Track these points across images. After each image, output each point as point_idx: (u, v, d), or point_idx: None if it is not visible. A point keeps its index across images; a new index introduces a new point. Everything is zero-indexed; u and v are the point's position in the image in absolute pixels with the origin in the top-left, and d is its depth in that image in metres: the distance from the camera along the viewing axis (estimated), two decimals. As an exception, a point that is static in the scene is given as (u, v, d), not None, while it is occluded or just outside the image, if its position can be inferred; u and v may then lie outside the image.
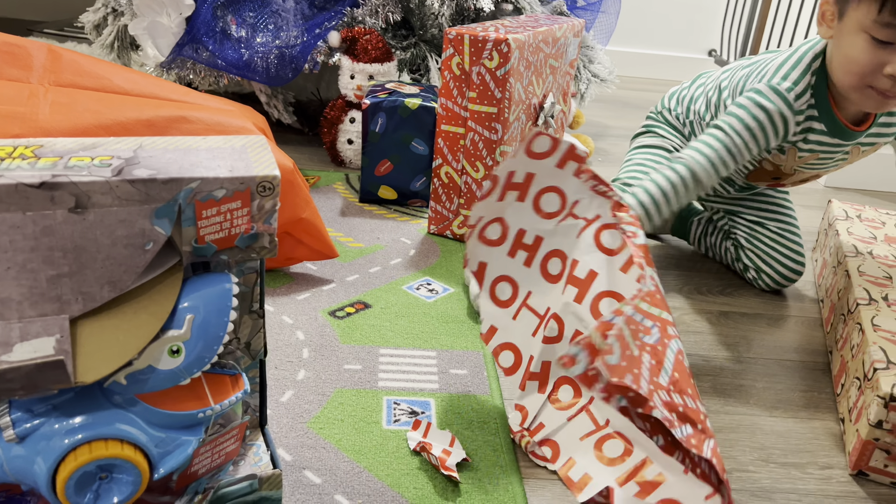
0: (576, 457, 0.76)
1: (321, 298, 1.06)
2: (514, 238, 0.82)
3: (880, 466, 0.81)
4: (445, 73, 1.20)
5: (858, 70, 0.85)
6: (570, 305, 0.78)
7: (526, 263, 0.83)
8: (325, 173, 1.56)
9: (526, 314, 0.84)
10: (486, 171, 1.23)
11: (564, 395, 0.81)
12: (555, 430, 0.79)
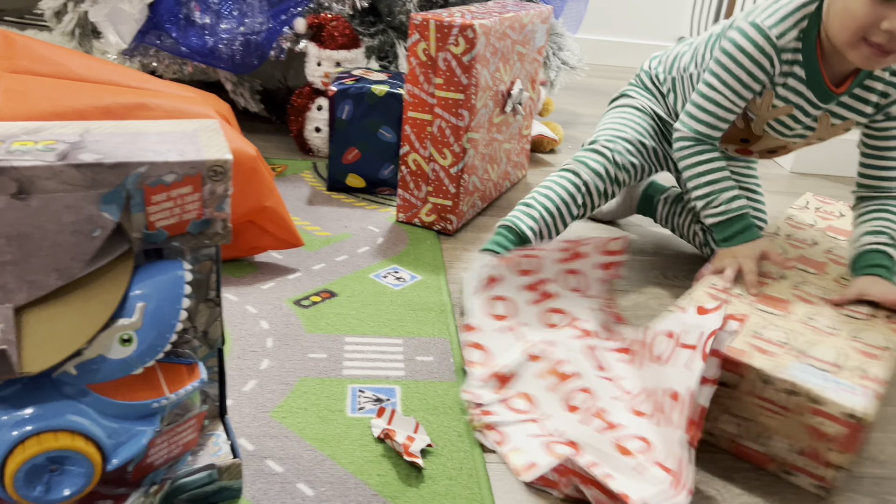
0: (523, 447, 0.77)
1: (286, 287, 1.05)
2: (537, 281, 0.96)
3: None
4: (412, 59, 1.19)
5: (855, 24, 0.83)
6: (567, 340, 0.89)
7: (534, 303, 0.95)
8: (293, 162, 1.54)
9: (510, 336, 0.91)
10: (454, 158, 1.23)
11: (518, 404, 0.83)
12: (504, 423, 0.80)
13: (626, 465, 0.73)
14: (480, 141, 1.28)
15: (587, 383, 0.82)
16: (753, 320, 0.85)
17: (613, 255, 0.99)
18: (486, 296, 0.94)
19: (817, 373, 0.76)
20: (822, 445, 0.74)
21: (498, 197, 1.48)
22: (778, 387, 0.75)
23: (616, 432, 0.77)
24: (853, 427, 0.71)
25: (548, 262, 0.97)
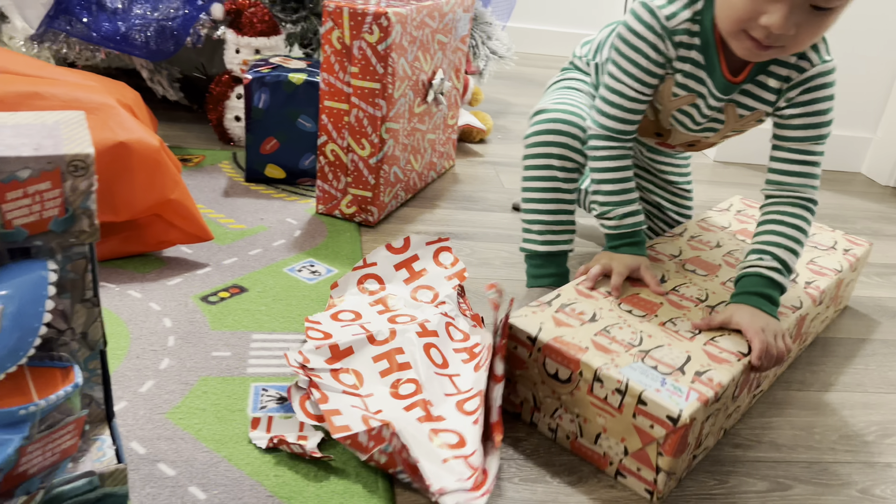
0: (343, 411, 0.76)
1: (194, 283, 1.02)
2: (383, 296, 0.99)
3: (504, 394, 0.85)
4: (326, 47, 1.17)
5: (735, 15, 0.78)
6: (408, 332, 0.88)
7: (380, 313, 0.96)
8: (212, 152, 1.50)
9: (356, 328, 0.90)
10: (373, 149, 1.21)
11: (346, 378, 0.82)
12: (326, 387, 0.80)
13: (435, 455, 0.73)
14: (401, 131, 1.26)
15: (417, 376, 0.82)
16: (609, 319, 0.83)
17: (450, 268, 1.02)
18: (333, 311, 0.95)
19: (652, 374, 0.74)
20: (652, 449, 0.72)
21: (424, 188, 1.47)
22: (608, 386, 0.74)
23: (434, 424, 0.77)
24: (672, 430, 0.70)
25: (393, 282, 1.01)
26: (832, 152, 1.92)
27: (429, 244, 1.04)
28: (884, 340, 1.10)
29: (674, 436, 0.70)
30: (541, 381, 0.80)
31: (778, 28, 0.74)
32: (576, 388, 0.77)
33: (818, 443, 0.86)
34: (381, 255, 1.03)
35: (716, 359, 0.79)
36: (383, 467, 0.73)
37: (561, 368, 0.77)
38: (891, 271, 1.35)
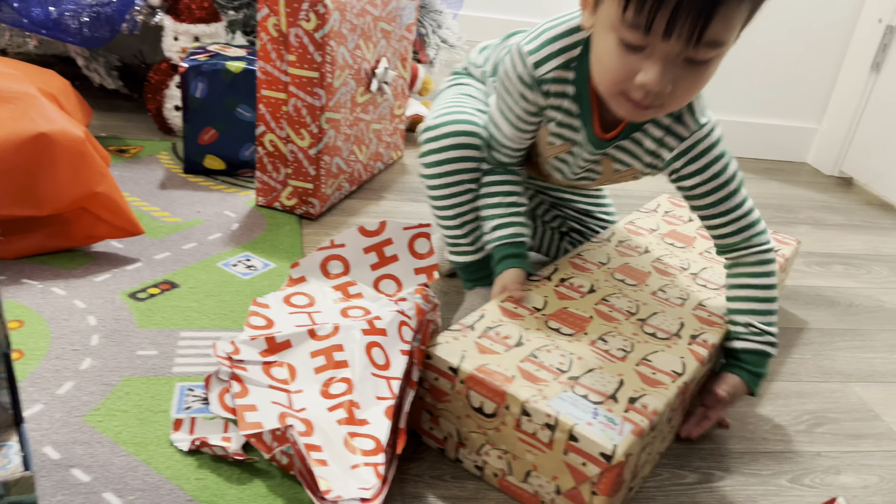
0: (259, 407, 0.74)
1: (122, 279, 0.99)
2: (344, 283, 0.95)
3: (426, 429, 0.79)
4: (262, 34, 1.13)
5: (611, 77, 0.72)
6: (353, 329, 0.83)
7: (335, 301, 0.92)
8: (151, 142, 1.45)
9: (302, 318, 0.88)
10: (312, 139, 1.18)
11: (278, 373, 0.80)
12: (252, 381, 0.78)
13: (346, 460, 0.71)
14: (342, 121, 1.24)
15: (352, 375, 0.80)
16: (536, 341, 0.78)
17: (423, 258, 0.96)
18: (287, 293, 0.92)
19: (583, 405, 0.69)
20: (586, 488, 0.67)
21: (370, 179, 1.44)
22: (536, 420, 0.68)
23: (354, 428, 0.75)
24: (606, 468, 0.65)
25: (358, 268, 0.96)
26: (778, 143, 1.96)
27: (406, 229, 0.96)
28: (820, 329, 1.12)
29: (608, 474, 0.65)
30: (465, 414, 0.73)
31: (654, 85, 0.69)
32: (502, 422, 0.71)
33: (751, 433, 0.86)
34: (351, 236, 0.97)
35: (649, 381, 0.75)
36: (284, 468, 0.71)
37: (486, 402, 0.71)
38: (830, 260, 1.37)
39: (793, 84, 1.90)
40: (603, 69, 0.74)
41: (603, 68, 0.73)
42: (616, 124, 0.84)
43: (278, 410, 0.74)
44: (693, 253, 1.05)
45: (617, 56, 0.70)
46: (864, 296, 1.25)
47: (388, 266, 0.97)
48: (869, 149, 1.81)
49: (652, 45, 0.68)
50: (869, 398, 0.96)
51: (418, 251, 0.97)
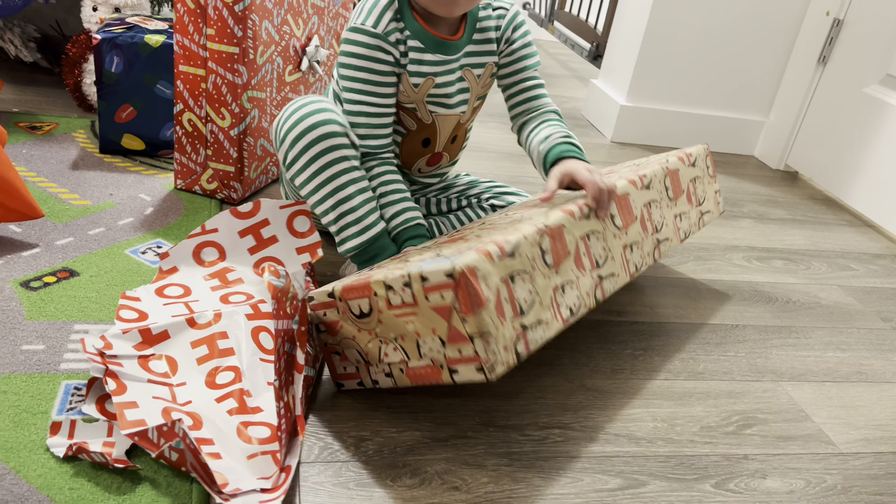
0: (140, 403, 0.69)
1: (16, 266, 0.91)
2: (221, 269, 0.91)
3: (342, 371, 0.79)
4: (178, 6, 1.06)
5: None
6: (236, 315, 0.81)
7: (213, 289, 0.88)
8: (67, 119, 1.36)
9: (179, 308, 0.84)
10: (234, 119, 1.11)
11: (157, 366, 0.75)
12: (128, 377, 0.72)
13: (241, 449, 0.67)
14: (268, 101, 1.17)
15: (239, 363, 0.76)
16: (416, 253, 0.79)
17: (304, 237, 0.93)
18: (157, 286, 0.87)
19: (433, 259, 0.69)
20: (455, 320, 0.66)
21: (302, 163, 1.37)
22: (397, 287, 0.69)
23: (247, 416, 0.71)
24: (455, 285, 0.64)
25: (235, 252, 0.93)
26: (726, 135, 1.94)
27: (283, 208, 0.93)
28: (756, 326, 1.10)
29: (460, 290, 0.64)
30: (357, 329, 0.75)
31: None
32: (378, 311, 0.72)
33: (678, 435, 0.83)
34: (223, 220, 0.93)
35: (508, 233, 0.74)
36: (175, 465, 0.66)
37: (361, 301, 0.73)
38: (770, 255, 1.36)
39: (741, 76, 1.88)
40: None
41: None
42: (455, 31, 0.97)
43: (161, 405, 0.68)
44: None
45: None
46: (802, 292, 1.23)
47: (268, 248, 0.93)
48: (814, 143, 1.80)
49: None
50: (800, 398, 0.94)
51: (298, 230, 0.93)
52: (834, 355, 1.05)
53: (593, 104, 2.01)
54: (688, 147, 1.18)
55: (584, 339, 0.98)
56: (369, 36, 0.91)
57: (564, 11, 2.65)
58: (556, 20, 2.73)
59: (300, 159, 0.88)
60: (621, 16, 1.93)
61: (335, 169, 0.89)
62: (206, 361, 0.75)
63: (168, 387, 0.72)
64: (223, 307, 0.81)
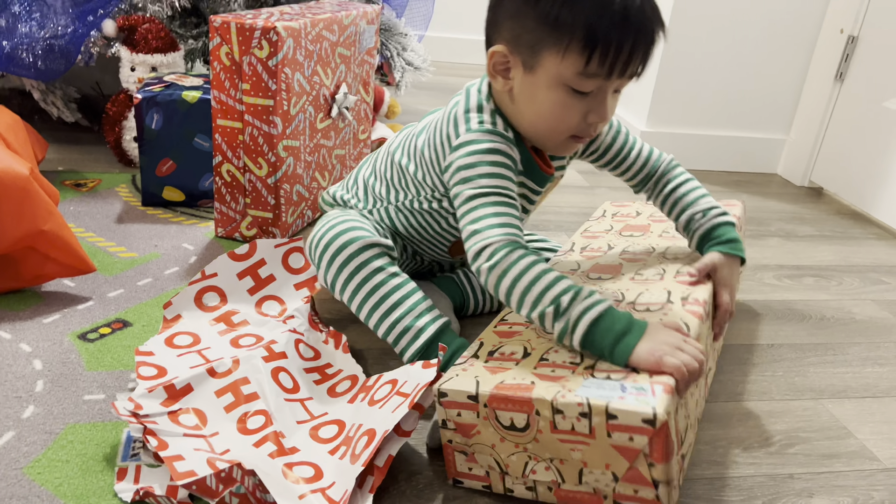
0: (185, 455, 0.71)
1: (72, 320, 0.95)
2: (226, 312, 0.94)
3: (465, 471, 0.75)
4: (215, 63, 1.11)
5: (564, 126, 0.80)
6: (254, 359, 0.83)
7: (220, 333, 0.90)
8: (110, 175, 1.42)
9: (194, 358, 0.85)
10: (270, 168, 1.16)
11: (187, 420, 0.77)
12: (166, 433, 0.74)
13: (291, 491, 0.68)
14: (301, 148, 1.21)
15: (267, 406, 0.78)
16: (541, 347, 0.76)
17: (300, 272, 0.96)
18: (168, 334, 0.89)
19: (609, 384, 0.67)
20: (641, 463, 0.65)
21: (334, 205, 1.42)
22: (570, 414, 0.66)
23: (288, 458, 0.73)
24: (653, 433, 0.63)
25: (235, 294, 0.95)
26: (749, 154, 1.96)
27: (277, 246, 0.97)
28: (791, 345, 1.10)
29: (657, 439, 0.63)
30: (499, 439, 0.70)
31: (606, 119, 0.80)
32: (538, 430, 0.68)
33: (721, 457, 0.84)
34: (221, 263, 0.96)
35: None
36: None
37: (515, 416, 0.68)
38: (801, 273, 1.36)
39: (760, 96, 1.90)
40: (552, 120, 0.80)
41: (552, 120, 0.80)
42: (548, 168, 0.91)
43: (204, 456, 0.70)
44: (653, 237, 1.06)
45: (567, 106, 0.78)
46: (835, 308, 1.24)
47: (267, 287, 0.96)
48: (837, 158, 1.81)
49: (601, 86, 0.77)
50: (841, 415, 0.94)
51: (294, 266, 0.97)
52: (872, 370, 1.06)
53: (614, 131, 2.04)
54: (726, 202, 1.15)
55: (621, 365, 1.00)
56: (499, 137, 0.82)
57: (579, 41, 2.70)
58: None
59: (338, 280, 0.88)
60: (636, 44, 1.97)
61: (374, 282, 0.86)
62: (233, 409, 0.78)
63: (203, 438, 0.74)
64: (239, 353, 0.84)
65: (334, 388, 0.85)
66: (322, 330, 0.92)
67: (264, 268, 0.97)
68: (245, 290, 0.96)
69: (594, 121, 0.79)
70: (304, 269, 0.97)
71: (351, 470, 0.69)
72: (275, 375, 0.81)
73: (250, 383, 0.79)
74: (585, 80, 0.76)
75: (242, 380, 0.79)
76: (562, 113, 0.79)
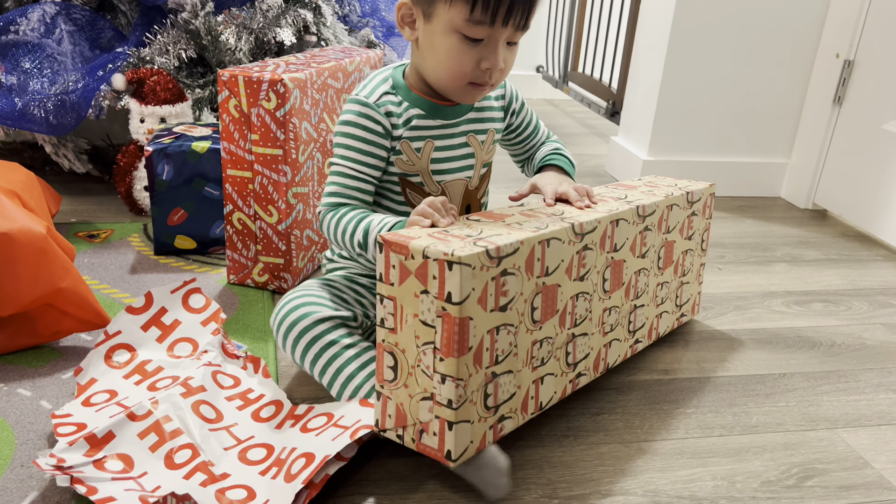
0: (117, 496, 0.72)
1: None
2: (138, 364, 0.94)
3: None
4: (224, 115, 1.14)
5: (460, 70, 0.87)
6: (172, 397, 0.84)
7: (136, 384, 0.91)
8: (121, 225, 1.44)
9: (112, 409, 0.85)
10: (280, 215, 1.18)
11: (113, 465, 0.78)
12: (92, 479, 0.75)
13: None
14: (310, 194, 1.23)
15: (192, 439, 0.80)
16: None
17: (203, 311, 0.99)
18: (84, 397, 0.89)
19: None
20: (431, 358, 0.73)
21: (343, 246, 1.44)
22: (416, 257, 0.72)
23: (219, 483, 0.75)
24: (445, 317, 0.71)
25: (144, 345, 0.97)
26: (750, 179, 1.97)
27: (174, 292, 0.99)
28: (804, 373, 1.11)
29: (447, 324, 0.70)
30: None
31: (497, 65, 0.87)
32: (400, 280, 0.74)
33: (739, 492, 0.84)
34: (122, 320, 0.97)
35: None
36: None
37: (393, 259, 0.74)
38: (809, 299, 1.37)
39: (759, 121, 1.92)
40: (449, 65, 0.88)
41: (449, 65, 0.88)
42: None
43: (136, 495, 0.72)
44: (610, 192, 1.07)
45: (460, 51, 0.86)
46: (846, 334, 1.24)
47: (174, 332, 0.97)
48: (839, 180, 1.83)
49: (490, 35, 0.85)
50: (857, 444, 0.94)
51: (195, 307, 0.99)
52: (886, 397, 1.06)
53: (615, 160, 2.07)
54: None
55: (635, 401, 1.01)
56: (360, 104, 0.92)
57: (578, 72, 2.73)
58: (570, 81, 2.82)
59: (296, 353, 0.91)
60: (635, 73, 2.00)
61: (329, 354, 0.89)
62: (159, 447, 0.79)
63: (132, 479, 0.76)
64: (156, 394, 0.85)
65: (258, 412, 0.88)
66: (239, 356, 0.96)
67: (167, 315, 0.98)
68: (153, 339, 0.97)
69: (487, 67, 0.87)
70: (206, 307, 0.99)
71: (288, 488, 0.72)
72: (196, 409, 0.84)
73: (172, 420, 0.81)
74: (473, 26, 0.84)
75: (164, 418, 0.81)
76: (457, 58, 0.87)
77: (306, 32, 1.66)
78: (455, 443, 0.73)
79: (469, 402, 0.74)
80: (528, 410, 0.84)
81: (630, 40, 2.16)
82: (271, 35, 1.57)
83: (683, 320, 1.18)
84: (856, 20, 1.74)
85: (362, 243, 0.88)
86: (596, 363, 0.96)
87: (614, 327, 0.98)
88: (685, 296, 1.16)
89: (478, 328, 0.73)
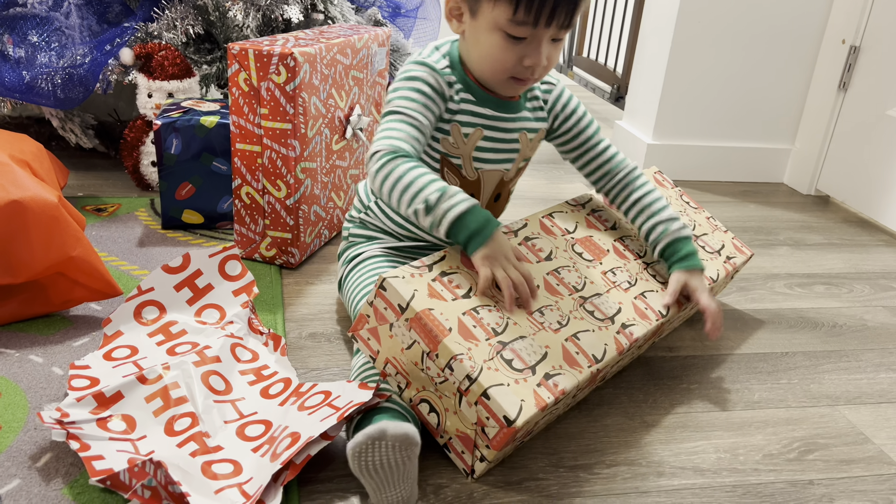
0: (105, 455, 0.74)
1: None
2: (164, 324, 0.96)
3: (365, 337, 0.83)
4: (233, 89, 1.14)
5: (501, 66, 0.89)
6: (184, 364, 0.85)
7: (158, 344, 0.93)
8: (128, 200, 1.45)
9: (128, 367, 0.87)
10: (289, 190, 1.18)
11: (116, 425, 0.79)
12: (89, 437, 0.76)
13: (208, 486, 0.71)
14: (318, 170, 1.24)
15: (194, 408, 0.81)
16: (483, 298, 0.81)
17: (238, 279, 0.99)
18: (106, 350, 0.91)
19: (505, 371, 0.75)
20: (480, 438, 0.75)
21: (349, 224, 1.44)
22: (457, 376, 0.74)
23: (209, 456, 0.76)
24: (504, 429, 0.73)
25: (174, 306, 0.98)
26: (754, 164, 1.98)
27: (212, 256, 0.99)
28: (806, 352, 1.12)
29: (503, 434, 0.73)
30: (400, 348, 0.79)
31: (540, 63, 0.88)
32: (426, 367, 0.77)
33: (742, 464, 0.86)
34: (157, 277, 0.98)
35: (569, 359, 0.81)
36: (148, 503, 0.70)
37: (420, 343, 0.76)
38: (811, 281, 1.38)
39: (764, 106, 1.93)
40: (492, 61, 0.89)
41: (492, 60, 0.89)
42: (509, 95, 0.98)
43: (126, 457, 0.73)
44: None
45: (505, 50, 0.87)
46: (847, 315, 1.25)
47: (206, 297, 0.98)
48: (843, 166, 1.83)
49: (533, 34, 0.86)
50: (858, 421, 0.96)
51: (231, 274, 0.99)
52: (887, 376, 1.07)
53: (620, 144, 2.07)
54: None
55: (640, 376, 1.02)
56: (427, 67, 0.93)
57: (582, 57, 2.73)
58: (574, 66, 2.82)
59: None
60: (641, 57, 2.00)
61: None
62: (162, 412, 0.81)
63: (129, 441, 0.77)
64: (170, 359, 0.86)
65: (267, 389, 0.89)
66: (262, 332, 0.97)
67: (201, 278, 0.99)
68: (184, 300, 0.98)
69: (530, 64, 0.88)
70: (242, 276, 0.99)
71: (269, 467, 0.72)
72: (205, 379, 0.85)
73: (180, 387, 0.82)
74: (516, 26, 0.85)
75: (173, 384, 0.82)
76: (500, 55, 0.88)
77: (313, 10, 1.66)
78: (505, 406, 0.72)
79: (487, 369, 0.74)
80: (581, 364, 0.82)
81: (636, 25, 2.16)
82: (279, 12, 1.57)
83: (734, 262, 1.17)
84: (863, 6, 1.74)
85: (431, 205, 0.82)
86: (640, 313, 0.93)
87: (633, 283, 0.97)
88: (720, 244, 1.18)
89: (445, 313, 0.77)
